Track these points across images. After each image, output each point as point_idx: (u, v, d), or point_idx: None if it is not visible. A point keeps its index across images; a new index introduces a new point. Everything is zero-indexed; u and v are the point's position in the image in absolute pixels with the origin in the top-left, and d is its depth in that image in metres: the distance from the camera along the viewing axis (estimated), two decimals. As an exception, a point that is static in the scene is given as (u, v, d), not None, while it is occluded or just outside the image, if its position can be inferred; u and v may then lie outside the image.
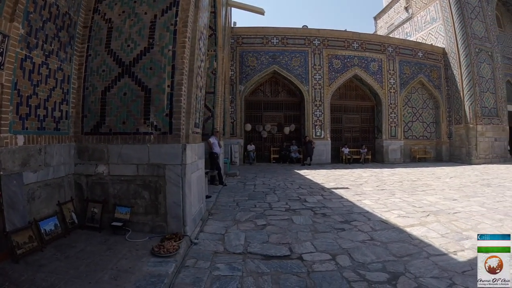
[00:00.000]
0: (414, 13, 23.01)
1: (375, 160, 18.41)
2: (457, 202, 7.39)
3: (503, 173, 13.63)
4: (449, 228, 5.09)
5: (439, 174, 12.90)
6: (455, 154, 19.12)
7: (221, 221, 5.01)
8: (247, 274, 3.10)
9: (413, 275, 3.22)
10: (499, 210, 6.68)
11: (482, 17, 19.81)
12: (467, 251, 4.04)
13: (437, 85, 19.59)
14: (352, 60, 17.47)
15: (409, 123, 19.23)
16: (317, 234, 4.50)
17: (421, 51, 19.34)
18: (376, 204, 6.80)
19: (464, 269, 3.48)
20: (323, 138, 16.86)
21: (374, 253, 3.79)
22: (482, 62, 18.98)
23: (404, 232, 4.76)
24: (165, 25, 4.28)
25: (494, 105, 19.28)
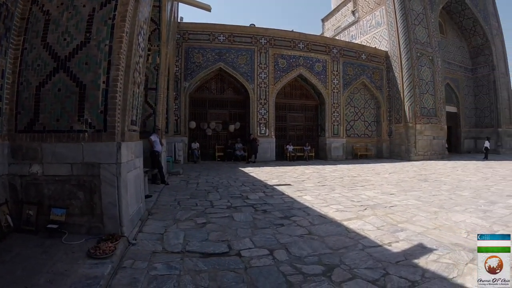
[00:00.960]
0: (361, 17, 24.80)
1: (318, 157, 19.48)
2: (394, 196, 7.93)
3: (440, 169, 14.97)
4: (385, 221, 5.49)
5: (378, 170, 13.89)
6: (395, 151, 20.94)
7: (161, 220, 5.08)
8: (184, 273, 3.19)
9: (348, 267, 3.46)
10: (435, 203, 7.21)
11: (425, 23, 21.91)
12: (402, 242, 4.38)
13: (378, 86, 21.35)
14: (298, 60, 18.47)
15: (351, 122, 20.78)
16: (256, 230, 4.70)
17: (365, 53, 20.98)
18: (316, 199, 7.20)
19: (398, 259, 3.77)
20: (267, 136, 17.61)
21: (311, 247, 4.02)
22: (423, 65, 20.99)
23: (341, 226, 5.08)
24: (103, 19, 4.27)
25: (433, 106, 21.35)
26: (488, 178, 11.88)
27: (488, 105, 28.74)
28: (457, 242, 4.42)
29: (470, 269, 3.53)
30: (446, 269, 3.52)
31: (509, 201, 7.71)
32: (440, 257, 3.86)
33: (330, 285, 3.04)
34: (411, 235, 4.61)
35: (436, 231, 4.94)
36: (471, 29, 28.44)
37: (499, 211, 6.57)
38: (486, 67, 28.72)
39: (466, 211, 6.41)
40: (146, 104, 9.39)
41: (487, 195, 8.55)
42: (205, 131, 17.62)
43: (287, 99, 19.32)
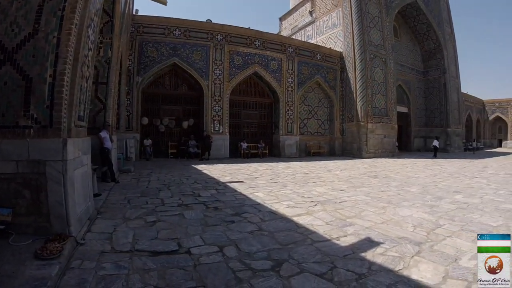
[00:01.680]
0: (318, 17, 26.08)
1: (272, 154, 20.27)
2: (344, 192, 8.30)
3: (390, 166, 15.96)
4: (334, 216, 5.76)
5: (330, 167, 14.57)
6: (347, 149, 22.39)
7: (110, 219, 5.08)
8: (133, 272, 3.22)
9: (296, 261, 3.63)
10: (383, 198, 7.58)
11: (380, 26, 23.47)
12: (350, 236, 4.64)
13: (332, 85, 22.69)
14: (253, 57, 19.13)
15: (305, 120, 21.94)
16: (207, 227, 4.80)
17: (320, 53, 22.18)
18: (268, 196, 7.45)
19: (346, 253, 3.97)
20: (221, 133, 18.03)
21: (260, 243, 4.17)
22: (376, 67, 22.51)
23: (291, 222, 5.30)
24: (53, 10, 4.18)
25: (384, 106, 22.96)
26: (436, 175, 12.75)
27: (438, 106, 31.22)
28: (404, 236, 4.76)
29: (416, 262, 3.81)
30: (392, 261, 3.77)
31: (455, 196, 8.33)
32: (386, 250, 4.13)
33: (278, 279, 3.19)
34: (359, 230, 4.95)
35: (383, 225, 5.30)
36: (425, 34, 30.71)
37: (446, 206, 7.03)
38: (437, 70, 31.19)
39: (413, 206, 6.87)
40: (96, 99, 9.31)
41: (435, 191, 9.17)
42: (158, 128, 17.61)
43: (242, 96, 19.85)
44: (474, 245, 4.29)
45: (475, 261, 3.77)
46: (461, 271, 3.60)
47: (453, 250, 4.25)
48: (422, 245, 4.34)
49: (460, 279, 3.40)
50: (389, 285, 3.17)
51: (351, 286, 3.12)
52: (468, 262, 3.87)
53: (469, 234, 4.95)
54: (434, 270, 3.60)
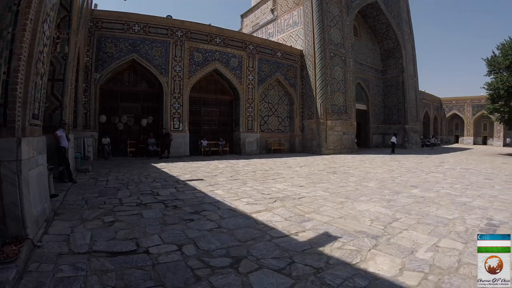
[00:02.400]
0: (279, 15, 27.10)
1: (233, 152, 20.90)
2: (303, 188, 8.64)
3: (349, 162, 16.79)
4: (293, 212, 6.01)
5: (290, 164, 15.14)
6: (307, 146, 23.58)
7: (68, 220, 5.09)
8: (91, 273, 3.26)
9: (255, 257, 3.76)
10: (341, 194, 7.96)
11: (340, 25, 24.83)
12: (308, 231, 4.84)
13: (292, 83, 23.79)
14: (214, 54, 19.58)
15: (265, 117, 22.89)
16: (166, 226, 4.89)
17: (281, 51, 23.14)
18: (228, 193, 7.67)
19: (304, 248, 4.14)
20: (181, 131, 18.29)
21: (219, 240, 4.31)
22: (335, 65, 23.82)
23: (250, 218, 5.50)
24: (8, 5, 4.14)
25: (343, 103, 24.38)
26: (393, 170, 13.47)
27: (396, 104, 33.42)
28: (361, 230, 5.01)
29: (373, 255, 4.01)
30: (349, 255, 3.97)
31: (412, 191, 8.80)
32: (344, 244, 4.35)
33: (237, 276, 3.29)
34: (317, 225, 5.22)
35: (341, 220, 5.58)
36: (384, 33, 32.76)
37: (402, 200, 7.42)
38: (396, 69, 33.39)
39: (371, 201, 7.22)
40: (52, 97, 9.27)
41: (392, 185, 9.60)
42: (116, 126, 17.56)
43: (202, 93, 20.31)
44: (430, 238, 4.74)
45: (431, 253, 4.15)
46: (417, 263, 3.85)
47: (410, 242, 4.55)
48: (379, 239, 4.65)
49: (417, 271, 3.63)
50: (346, 278, 3.36)
51: (309, 280, 3.29)
52: (425, 254, 4.14)
53: (425, 227, 5.32)
54: (391, 262, 3.83)
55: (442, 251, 4.25)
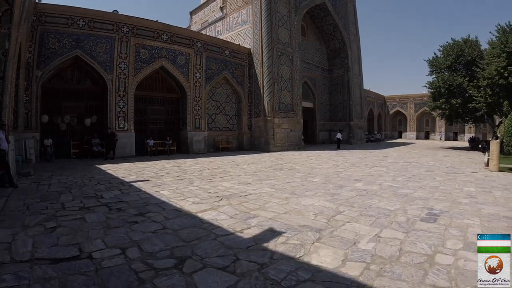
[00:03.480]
0: (228, 13, 28.14)
1: (180, 151, 21.24)
2: (250, 185, 8.98)
3: (296, 159, 17.72)
4: (239, 209, 6.24)
5: (238, 162, 15.69)
6: (255, 143, 24.96)
7: (9, 228, 5.05)
8: (34, 281, 3.27)
9: (199, 257, 3.90)
10: (287, 190, 8.38)
11: (288, 25, 26.39)
12: (253, 228, 5.08)
13: (240, 81, 24.96)
14: (160, 51, 19.84)
15: (212, 116, 23.73)
16: (109, 230, 4.92)
17: (229, 49, 24.15)
18: (174, 193, 7.82)
19: (249, 245, 4.34)
20: (127, 130, 18.32)
21: (164, 242, 4.42)
22: (282, 64, 25.37)
23: (196, 218, 5.67)
24: None
25: (290, 101, 26.06)
26: (338, 165, 14.34)
27: (342, 102, 36.12)
28: (305, 224, 5.35)
29: (316, 248, 4.27)
30: (293, 249, 4.21)
31: (355, 184, 9.42)
32: (288, 239, 4.61)
33: (181, 276, 3.40)
34: (262, 221, 5.51)
35: (286, 215, 5.92)
36: (331, 34, 35.25)
37: (346, 194, 7.91)
38: (341, 68, 36.07)
39: (316, 196, 7.67)
40: None
41: (336, 180, 10.24)
42: (59, 126, 17.22)
43: (148, 91, 20.50)
44: (372, 229, 5.15)
45: (373, 243, 4.50)
46: (359, 254, 4.14)
47: (352, 234, 4.91)
48: (323, 232, 4.98)
49: (359, 261, 3.90)
50: (290, 272, 3.56)
51: (253, 276, 3.43)
52: (366, 244, 4.46)
53: (368, 218, 5.78)
54: (334, 254, 4.10)
55: (383, 241, 4.64)
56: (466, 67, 29.13)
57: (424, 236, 4.93)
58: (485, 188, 9.62)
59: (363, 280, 3.47)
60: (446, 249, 4.45)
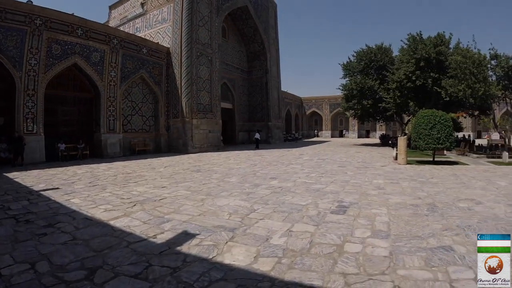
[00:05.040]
0: (149, 10, 28.64)
1: (94, 155, 20.62)
2: (165, 189, 9.20)
3: (214, 160, 18.49)
4: (152, 214, 6.39)
5: (155, 165, 15.88)
6: (173, 145, 25.84)
7: None
8: None
9: (111, 266, 3.94)
10: (203, 191, 8.72)
11: (209, 26, 27.75)
12: (167, 232, 5.22)
13: (158, 81, 25.57)
14: (74, 47, 19.35)
15: (128, 117, 23.78)
16: (17, 244, 4.85)
17: (147, 47, 24.56)
18: (85, 201, 7.79)
19: (162, 249, 4.46)
20: (36, 133, 17.41)
21: (74, 253, 4.42)
22: (202, 64, 26.70)
23: (107, 226, 5.70)
24: None
25: (209, 102, 27.53)
26: (256, 165, 15.29)
27: (260, 103, 38.96)
28: (219, 224, 5.66)
29: (229, 247, 4.53)
30: (207, 250, 4.41)
31: (271, 182, 10.12)
32: (202, 241, 4.83)
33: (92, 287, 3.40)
34: (176, 225, 5.69)
35: (200, 217, 6.19)
36: (252, 37, 37.80)
37: (261, 192, 8.46)
38: (260, 70, 38.89)
39: (231, 195, 8.13)
40: None
41: (253, 179, 10.92)
42: None
43: (60, 90, 19.71)
44: (284, 224, 5.70)
45: (285, 238, 4.93)
46: (271, 249, 4.49)
47: (265, 231, 5.30)
48: (236, 231, 5.31)
49: (271, 257, 4.21)
50: (203, 273, 3.74)
51: (166, 281, 3.57)
52: (279, 239, 4.86)
53: (280, 214, 6.29)
54: (247, 252, 4.36)
55: (295, 235, 5.07)
56: (377, 71, 34.07)
57: (334, 227, 5.63)
58: (393, 179, 11.27)
59: (274, 274, 3.81)
60: (354, 238, 5.07)
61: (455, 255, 4.47)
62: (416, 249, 4.69)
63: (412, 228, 5.72)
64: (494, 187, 10.04)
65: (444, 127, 16.37)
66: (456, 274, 3.89)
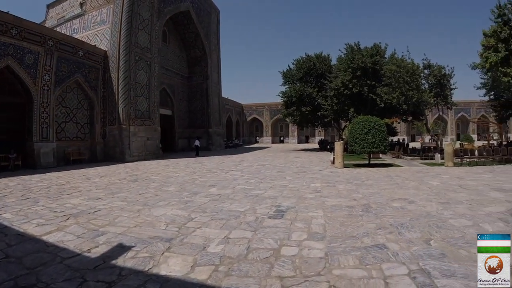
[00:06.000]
0: (87, 11, 28.20)
1: (26, 165, 19.84)
2: (101, 200, 9.11)
3: (153, 168, 18.46)
4: (87, 227, 6.30)
5: (90, 175, 15.68)
6: (110, 153, 25.34)
7: None
8: None
9: (45, 284, 3.91)
10: (140, 202, 8.70)
11: (149, 29, 27.82)
12: (101, 246, 5.15)
13: (94, 86, 25.16)
14: (7, 48, 18.62)
15: (62, 124, 23.17)
16: None
17: (83, 50, 24.11)
18: (17, 216, 7.59)
19: (97, 264, 4.43)
20: None
21: (6, 272, 4.34)
22: (140, 69, 26.74)
23: (40, 241, 5.60)
24: None
25: (147, 108, 27.57)
26: (195, 172, 15.45)
27: (201, 109, 39.77)
28: (156, 235, 5.67)
29: (165, 258, 4.58)
30: (142, 262, 4.43)
31: (210, 190, 10.27)
32: (138, 253, 4.82)
33: None
34: (111, 237, 5.64)
35: (136, 228, 6.16)
36: (193, 42, 38.61)
37: (200, 200, 8.57)
38: (201, 76, 39.78)
39: (169, 205, 8.17)
40: None
41: (192, 187, 11.02)
42: None
43: None
44: (222, 231, 5.84)
45: (222, 245, 5.04)
46: (208, 257, 4.56)
47: (202, 239, 5.38)
48: (173, 241, 5.35)
49: (208, 265, 4.28)
50: (138, 286, 3.75)
51: None
52: (216, 247, 4.96)
53: (218, 222, 6.41)
54: (183, 262, 4.42)
55: (232, 242, 5.20)
56: (316, 79, 36.51)
57: (271, 232, 5.85)
58: (330, 183, 11.89)
59: (211, 282, 3.89)
60: (291, 241, 5.27)
61: (388, 252, 4.86)
62: (350, 248, 5.05)
63: (347, 228, 6.15)
64: (426, 186, 11.06)
65: (378, 132, 18.01)
66: (389, 271, 4.20)
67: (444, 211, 7.42)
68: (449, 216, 6.95)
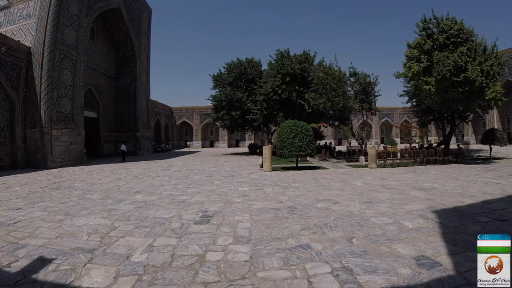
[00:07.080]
0: (14, 3, 26.86)
1: None
2: (20, 211, 8.91)
3: (76, 175, 18.16)
4: (6, 240, 6.15)
5: (10, 183, 15.19)
6: (31, 159, 24.30)
7: None
8: None
9: None
10: (61, 211, 8.57)
11: (77, 26, 27.16)
12: (22, 260, 5.05)
13: (15, 85, 24.15)
14: None
15: None
16: None
17: (6, 46, 23.18)
18: None
19: (17, 279, 4.38)
20: None
21: None
22: (65, 68, 26.07)
23: None
24: None
25: (71, 110, 26.90)
26: (121, 179, 15.34)
27: (128, 112, 39.67)
28: (78, 246, 5.60)
29: (88, 269, 4.59)
30: (64, 276, 4.42)
31: (135, 197, 10.16)
32: (59, 265, 4.77)
33: None
34: (32, 250, 5.52)
35: (58, 239, 6.06)
36: (122, 41, 38.53)
37: (124, 208, 8.54)
38: (129, 77, 39.74)
39: (92, 214, 8.10)
40: None
41: (116, 194, 10.93)
42: None
43: None
44: (146, 240, 5.87)
45: (146, 254, 5.13)
46: (132, 267, 4.60)
47: (125, 249, 5.35)
48: (95, 251, 5.32)
49: (131, 275, 4.34)
50: None
51: None
52: (140, 256, 5.00)
53: (142, 230, 6.41)
54: (106, 273, 4.43)
55: (157, 250, 5.25)
56: (246, 83, 38.20)
57: (197, 238, 5.98)
58: (257, 186, 12.35)
59: None
60: (216, 246, 5.41)
61: (312, 252, 5.13)
62: (275, 250, 5.28)
63: (272, 231, 6.43)
64: (350, 187, 11.84)
65: (305, 136, 19.32)
66: (313, 270, 4.44)
67: (366, 210, 8.12)
68: (371, 215, 7.60)
